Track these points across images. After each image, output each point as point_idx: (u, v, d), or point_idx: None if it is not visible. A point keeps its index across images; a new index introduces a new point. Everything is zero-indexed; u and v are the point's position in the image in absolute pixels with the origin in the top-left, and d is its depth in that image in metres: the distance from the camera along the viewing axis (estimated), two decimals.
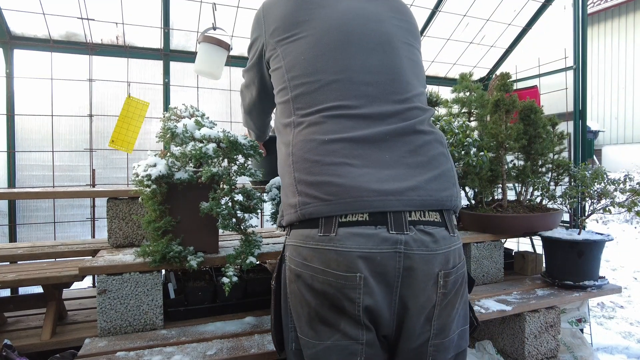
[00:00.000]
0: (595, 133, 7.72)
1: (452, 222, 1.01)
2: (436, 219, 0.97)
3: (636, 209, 2.07)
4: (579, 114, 2.86)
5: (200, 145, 1.59)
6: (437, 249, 0.95)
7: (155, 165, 1.62)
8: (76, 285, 2.04)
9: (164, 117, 1.89)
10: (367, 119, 0.99)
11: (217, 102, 3.51)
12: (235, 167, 1.67)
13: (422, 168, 0.98)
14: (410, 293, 0.93)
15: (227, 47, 2.61)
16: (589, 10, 10.67)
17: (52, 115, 3.03)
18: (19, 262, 1.95)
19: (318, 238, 0.92)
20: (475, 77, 3.82)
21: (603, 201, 2.19)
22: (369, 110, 0.99)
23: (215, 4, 2.75)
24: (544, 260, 2.40)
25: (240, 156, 1.67)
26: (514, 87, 3.00)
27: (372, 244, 0.89)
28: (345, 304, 0.90)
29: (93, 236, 3.10)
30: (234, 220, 1.64)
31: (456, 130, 2.26)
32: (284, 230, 1.09)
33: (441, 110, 2.91)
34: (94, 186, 3.04)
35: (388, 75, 1.05)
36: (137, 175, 1.64)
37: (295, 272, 0.97)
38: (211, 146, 1.60)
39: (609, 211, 2.14)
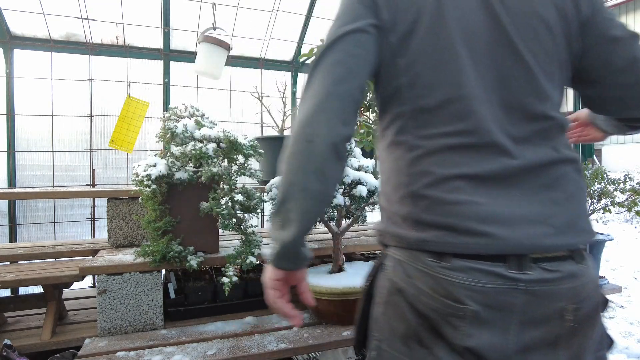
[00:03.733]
0: None
1: (580, 253, 0.88)
2: (563, 253, 0.85)
3: (636, 209, 2.07)
4: None
5: (200, 145, 1.59)
6: (561, 284, 0.84)
7: (155, 165, 1.62)
8: (76, 285, 2.04)
9: (164, 117, 1.89)
10: (494, 148, 0.84)
11: (217, 102, 3.51)
12: (235, 167, 1.67)
13: (558, 207, 0.85)
14: (528, 331, 0.84)
15: (227, 47, 2.61)
16: None
17: (52, 115, 3.03)
18: (19, 262, 1.95)
19: (429, 262, 0.84)
20: None
21: (603, 201, 2.19)
22: (496, 138, 0.84)
23: (215, 4, 2.75)
24: None
25: (240, 156, 1.67)
26: None
27: (488, 280, 0.81)
28: (447, 331, 0.83)
29: (93, 236, 3.10)
30: (234, 220, 1.64)
31: None
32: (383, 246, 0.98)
33: None
34: (94, 186, 3.04)
35: (519, 87, 0.86)
36: (137, 175, 1.64)
37: (397, 286, 0.88)
38: (211, 146, 1.60)
39: (609, 211, 2.14)
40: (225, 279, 1.56)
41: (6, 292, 2.58)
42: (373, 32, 0.86)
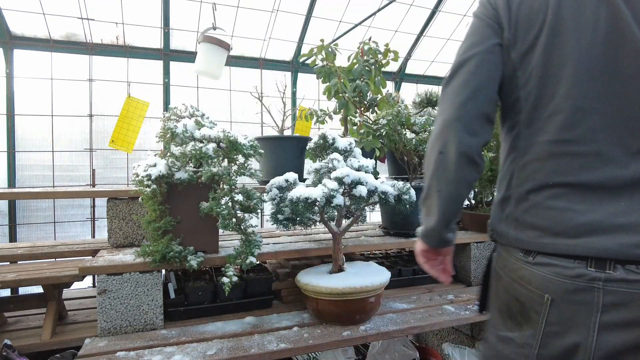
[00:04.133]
0: None
1: None
2: None
3: None
4: None
5: (200, 145, 1.59)
6: None
7: (155, 165, 1.62)
8: (76, 285, 2.04)
9: (164, 117, 1.89)
10: (601, 157, 0.88)
11: (217, 101, 3.52)
12: (235, 167, 1.66)
13: None
14: (614, 332, 0.86)
15: (227, 47, 2.61)
16: None
17: (52, 115, 3.04)
18: (19, 262, 1.95)
19: (519, 256, 0.97)
20: None
21: None
22: (604, 147, 0.88)
23: (215, 4, 2.75)
24: None
25: (240, 156, 1.67)
26: None
27: (567, 274, 0.89)
28: (532, 315, 0.95)
29: (93, 236, 3.10)
30: (234, 220, 1.64)
31: None
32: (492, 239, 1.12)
33: None
34: (94, 186, 3.05)
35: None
36: (137, 175, 1.64)
37: (498, 272, 1.05)
38: (211, 146, 1.60)
39: None
40: (225, 279, 1.55)
41: (6, 292, 2.59)
42: (497, 50, 0.98)
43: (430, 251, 1.17)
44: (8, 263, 1.93)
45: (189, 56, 3.35)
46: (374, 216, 3.34)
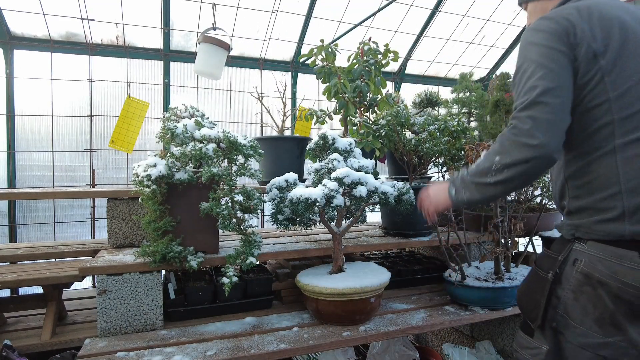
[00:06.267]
0: None
1: None
2: None
3: None
4: None
5: (200, 145, 1.59)
6: None
7: (155, 166, 1.62)
8: (76, 285, 2.04)
9: (164, 117, 1.89)
10: None
11: (217, 102, 3.52)
12: (235, 168, 1.66)
13: None
14: None
15: (227, 47, 2.61)
16: None
17: (52, 116, 3.04)
18: (19, 263, 1.95)
19: (637, 260, 0.99)
20: (475, 77, 3.82)
21: None
22: None
23: (215, 4, 2.75)
24: None
25: (240, 156, 1.67)
26: None
27: None
28: None
29: (93, 236, 3.10)
30: (234, 220, 1.64)
31: (452, 129, 2.25)
32: (572, 238, 1.13)
33: (441, 111, 2.92)
34: (94, 186, 3.05)
35: None
36: (137, 176, 1.64)
37: (597, 280, 1.04)
38: (211, 146, 1.60)
39: None
40: (225, 279, 1.56)
41: (6, 292, 2.59)
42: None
43: (445, 207, 1.34)
44: (8, 263, 1.93)
45: (189, 56, 3.35)
46: (374, 216, 3.34)
